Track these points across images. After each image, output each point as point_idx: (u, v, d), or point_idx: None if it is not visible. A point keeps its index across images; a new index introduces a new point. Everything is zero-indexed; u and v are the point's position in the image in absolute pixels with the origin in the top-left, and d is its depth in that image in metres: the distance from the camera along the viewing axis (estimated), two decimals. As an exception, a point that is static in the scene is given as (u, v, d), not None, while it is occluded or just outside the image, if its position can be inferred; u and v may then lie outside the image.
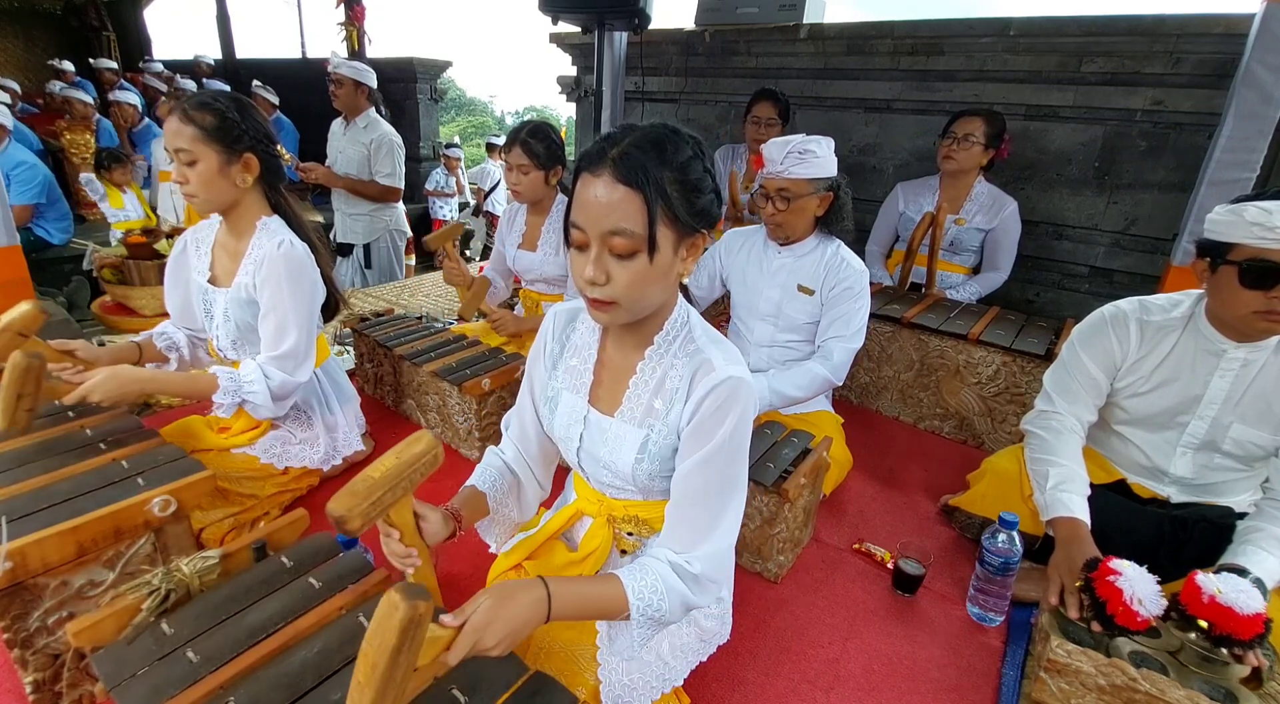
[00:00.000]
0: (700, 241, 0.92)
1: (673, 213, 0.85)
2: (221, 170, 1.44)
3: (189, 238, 1.67)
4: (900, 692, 1.28)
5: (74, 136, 5.22)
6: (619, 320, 0.92)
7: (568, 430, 1.07)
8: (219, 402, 1.49)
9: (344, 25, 5.88)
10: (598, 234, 0.85)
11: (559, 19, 3.05)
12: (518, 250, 2.33)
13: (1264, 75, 2.03)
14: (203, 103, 1.42)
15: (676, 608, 0.94)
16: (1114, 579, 1.12)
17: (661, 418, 0.98)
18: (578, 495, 1.17)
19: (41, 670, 1.07)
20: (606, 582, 0.92)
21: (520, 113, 29.23)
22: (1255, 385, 1.33)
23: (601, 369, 1.06)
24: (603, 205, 0.83)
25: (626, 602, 0.91)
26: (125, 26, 9.46)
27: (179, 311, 1.69)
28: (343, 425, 1.78)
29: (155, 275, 2.62)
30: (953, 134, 2.47)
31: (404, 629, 0.65)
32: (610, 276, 0.86)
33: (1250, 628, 1.04)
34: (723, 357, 0.95)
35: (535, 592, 0.84)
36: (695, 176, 0.87)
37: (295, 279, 1.50)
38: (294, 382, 1.54)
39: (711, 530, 0.96)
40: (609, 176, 0.83)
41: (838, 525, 1.78)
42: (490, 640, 0.77)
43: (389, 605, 0.66)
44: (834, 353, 1.78)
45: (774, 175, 1.73)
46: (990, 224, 2.53)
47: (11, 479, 1.16)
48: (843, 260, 1.81)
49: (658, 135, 0.86)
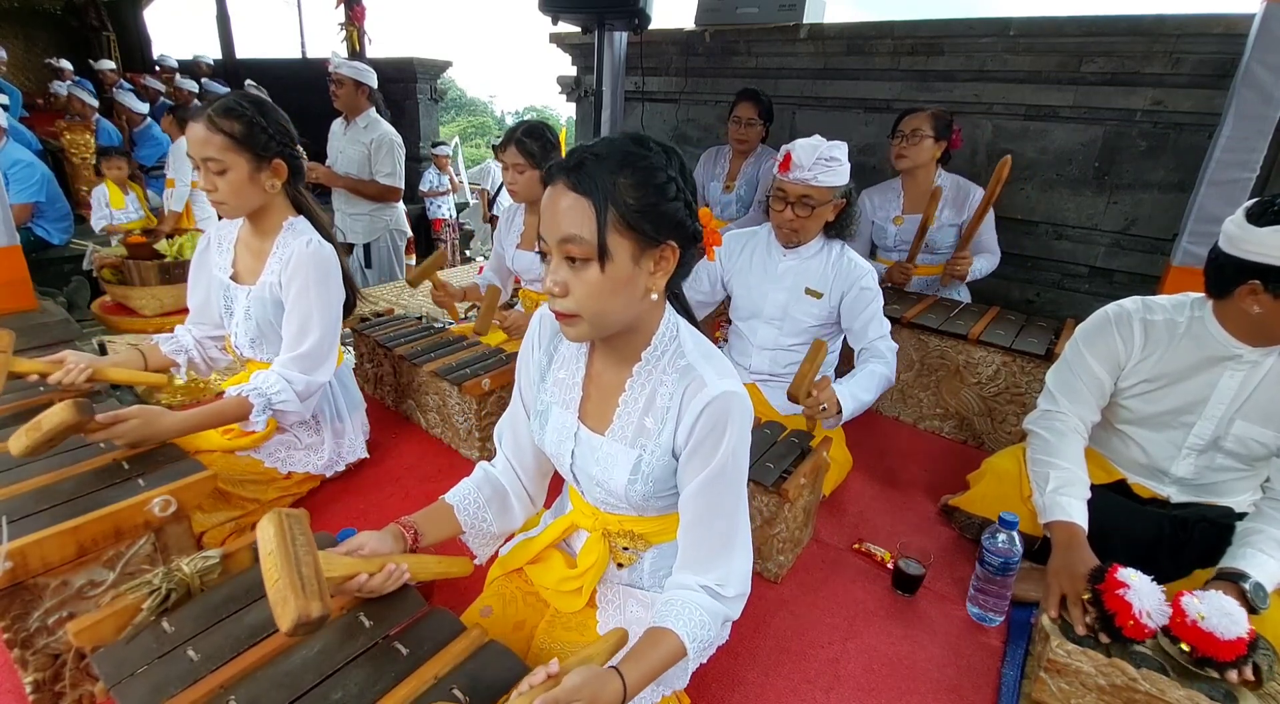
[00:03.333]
0: (669, 254, 0.89)
1: (625, 220, 0.84)
2: (252, 177, 1.43)
3: (211, 234, 1.66)
4: (900, 692, 1.28)
5: (74, 137, 5.22)
6: (585, 335, 0.91)
7: (559, 447, 1.06)
8: (254, 419, 1.45)
9: (344, 25, 5.89)
10: (554, 242, 0.86)
11: (559, 19, 3.05)
12: (516, 250, 2.34)
13: (1264, 75, 2.03)
14: (228, 109, 1.39)
15: (721, 629, 0.97)
16: (1123, 592, 1.11)
17: (653, 438, 0.97)
18: (573, 507, 1.16)
19: (42, 670, 1.07)
20: (662, 641, 0.91)
21: (520, 113, 29.22)
22: (1264, 385, 1.33)
23: (590, 384, 1.04)
24: (558, 212, 0.84)
25: (685, 649, 0.92)
26: (125, 26, 9.47)
27: (199, 308, 1.68)
28: (349, 432, 1.76)
29: (155, 275, 2.62)
30: (900, 132, 2.45)
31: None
32: (568, 288, 0.86)
33: (1231, 651, 1.04)
34: (715, 372, 0.93)
35: (615, 684, 0.82)
36: (656, 183, 0.86)
37: (322, 279, 1.49)
38: (316, 382, 1.53)
39: (729, 546, 0.97)
40: (562, 184, 0.84)
41: (838, 525, 1.78)
42: None
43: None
44: (885, 352, 1.77)
45: (800, 181, 1.69)
46: (960, 217, 2.48)
47: (11, 479, 1.16)
48: (850, 261, 1.80)
49: (618, 144, 0.86)
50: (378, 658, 0.86)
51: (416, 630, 0.91)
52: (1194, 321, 1.38)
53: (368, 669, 0.84)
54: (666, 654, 0.91)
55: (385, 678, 0.83)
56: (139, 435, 1.26)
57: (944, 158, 2.51)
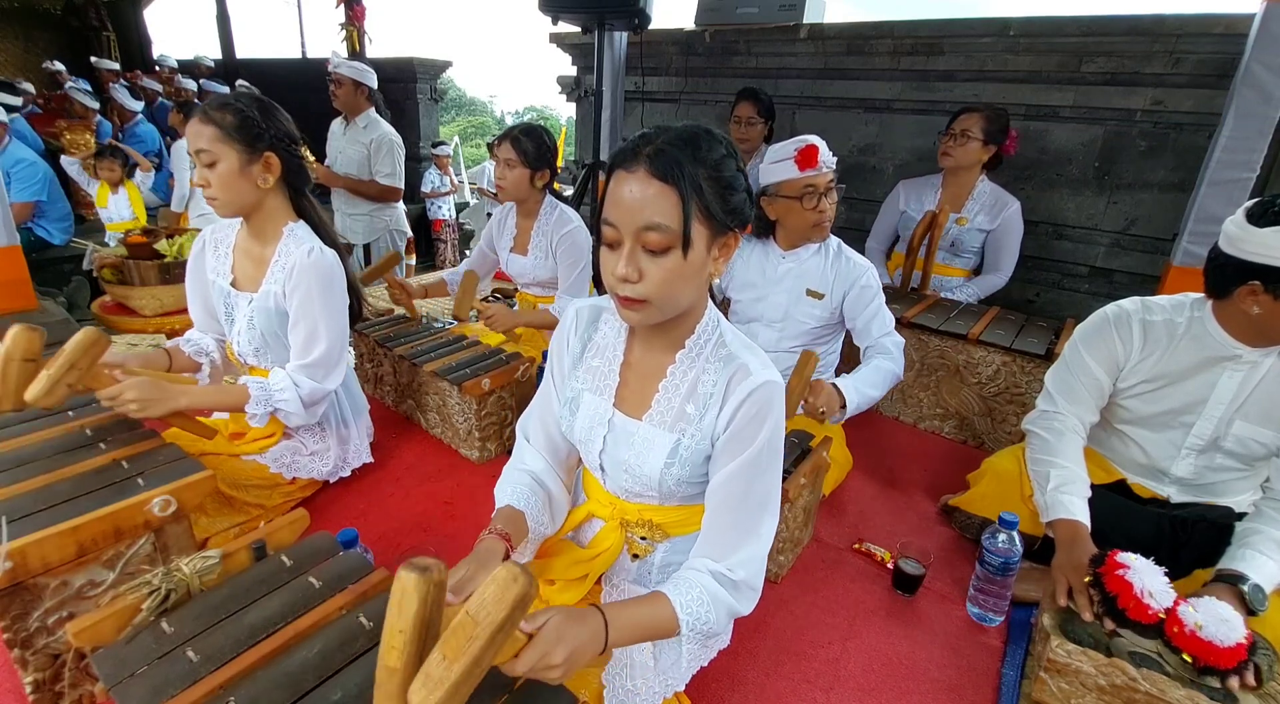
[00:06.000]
0: (732, 241, 0.92)
1: (707, 210, 0.85)
2: (242, 170, 1.42)
3: (207, 238, 1.63)
4: (900, 691, 1.28)
5: (74, 136, 5.23)
6: (650, 319, 0.91)
7: (589, 433, 1.06)
8: (251, 412, 1.46)
9: (344, 25, 5.89)
10: (631, 230, 0.85)
11: (559, 19, 3.05)
12: (510, 254, 2.33)
13: (1264, 75, 2.03)
14: (223, 103, 1.40)
15: (723, 618, 0.93)
16: (1123, 572, 1.11)
17: (695, 423, 0.97)
18: (589, 497, 1.16)
19: (41, 670, 1.07)
20: (654, 602, 0.90)
21: (520, 113, 29.25)
22: (1263, 385, 1.33)
23: (628, 371, 1.04)
24: (638, 201, 0.83)
25: (676, 620, 0.90)
26: (125, 26, 9.47)
27: (203, 317, 1.67)
28: (354, 438, 1.76)
29: (155, 275, 2.61)
30: (951, 130, 2.46)
31: (517, 606, 0.61)
32: (643, 274, 0.86)
33: (1233, 658, 1.04)
34: (758, 362, 0.95)
35: (596, 620, 0.82)
36: (729, 175, 0.88)
37: (326, 287, 1.48)
38: (324, 389, 1.52)
39: (750, 536, 0.96)
40: (644, 172, 0.83)
41: (838, 525, 1.78)
42: (557, 658, 0.74)
43: (509, 577, 0.61)
44: (891, 348, 1.77)
45: (828, 170, 1.72)
46: (992, 224, 2.51)
47: (11, 479, 1.16)
48: (847, 259, 1.81)
49: (692, 133, 0.87)
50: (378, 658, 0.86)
51: (417, 631, 0.91)
52: (1193, 322, 1.38)
53: (368, 669, 0.84)
54: (657, 615, 0.90)
55: (385, 678, 0.83)
56: (148, 396, 1.29)
57: (994, 163, 2.51)
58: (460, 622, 0.63)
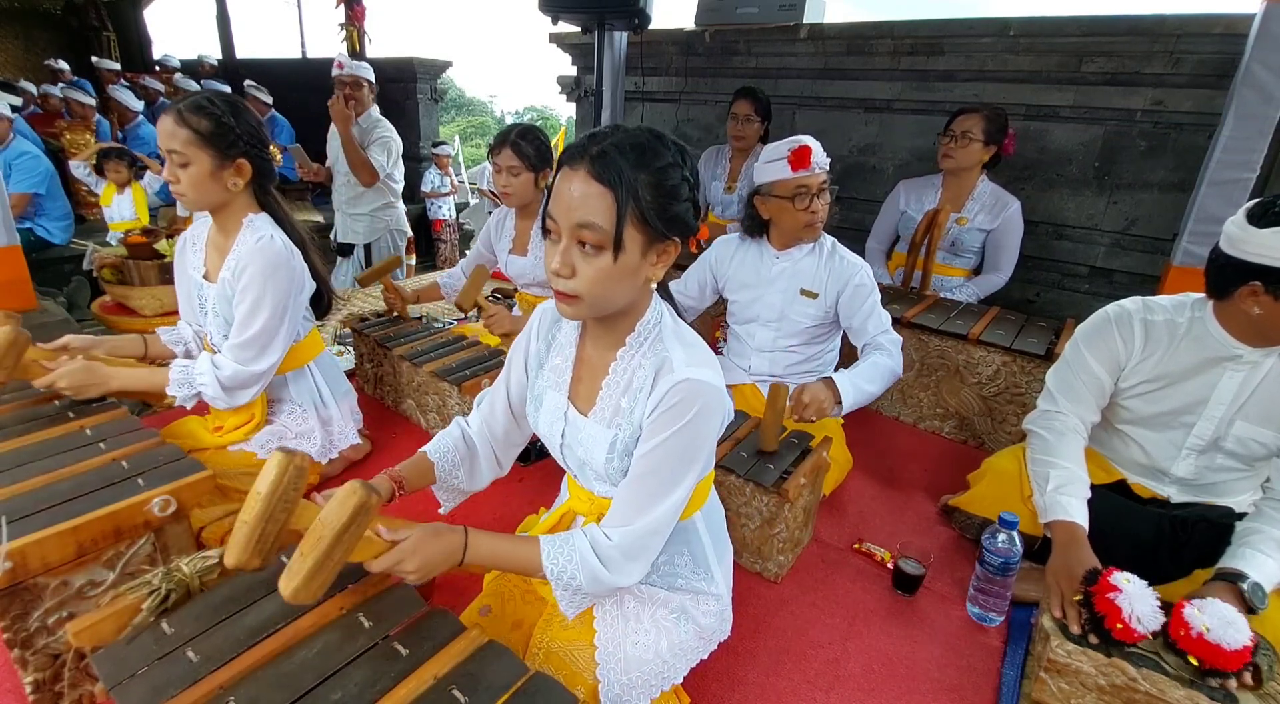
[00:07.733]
0: (672, 249, 0.93)
1: (643, 216, 0.87)
2: (214, 174, 1.46)
3: (188, 235, 1.69)
4: (900, 692, 1.28)
5: (74, 136, 5.23)
6: (582, 314, 0.94)
7: (550, 428, 1.09)
8: (172, 393, 1.51)
9: (344, 25, 5.89)
10: (568, 226, 0.87)
11: (559, 19, 3.05)
12: (509, 255, 2.32)
13: (1264, 75, 2.03)
14: (198, 106, 1.43)
15: (590, 581, 0.95)
16: (1113, 596, 1.11)
17: (627, 416, 0.99)
18: (570, 495, 1.18)
19: (41, 670, 1.07)
20: (526, 543, 0.98)
21: (520, 113, 29.22)
22: (1264, 385, 1.33)
23: (581, 366, 1.07)
24: (576, 199, 0.85)
25: (541, 565, 0.96)
26: (125, 26, 9.46)
27: (187, 310, 1.71)
28: (338, 419, 1.78)
29: (155, 275, 2.62)
30: (951, 132, 2.46)
31: (356, 512, 0.78)
32: (575, 270, 0.88)
33: (1239, 661, 1.04)
34: (685, 357, 0.95)
35: (455, 537, 0.94)
36: (671, 184, 0.89)
37: (269, 270, 1.50)
38: (248, 371, 1.53)
39: (640, 514, 0.96)
40: (585, 172, 0.85)
41: (838, 525, 1.78)
42: (410, 566, 0.89)
43: (349, 489, 0.79)
44: (888, 345, 1.77)
45: (821, 170, 1.72)
46: (992, 224, 2.51)
47: (11, 479, 1.16)
48: (841, 258, 1.81)
49: (640, 139, 0.88)
50: (377, 658, 0.86)
51: (416, 630, 0.91)
52: (1194, 322, 1.38)
53: (368, 669, 0.84)
54: (520, 551, 0.97)
55: (385, 678, 0.83)
56: (80, 381, 1.40)
57: (993, 162, 2.52)
58: (313, 527, 0.81)
